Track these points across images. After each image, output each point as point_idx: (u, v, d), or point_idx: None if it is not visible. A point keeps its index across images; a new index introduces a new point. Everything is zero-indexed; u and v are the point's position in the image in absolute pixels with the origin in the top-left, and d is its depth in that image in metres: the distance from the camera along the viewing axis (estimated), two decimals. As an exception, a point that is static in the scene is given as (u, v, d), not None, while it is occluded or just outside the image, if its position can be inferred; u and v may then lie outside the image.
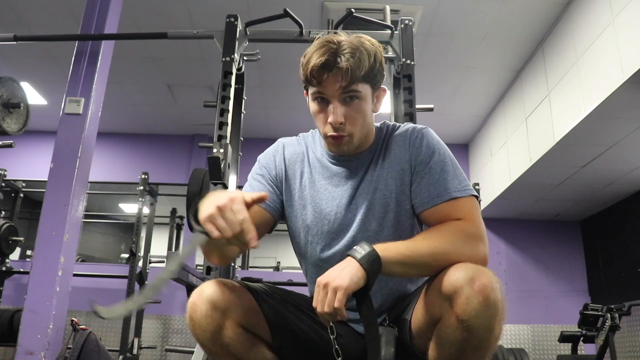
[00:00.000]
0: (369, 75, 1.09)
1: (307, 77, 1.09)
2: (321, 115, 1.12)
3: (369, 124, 1.16)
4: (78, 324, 2.68)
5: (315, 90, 1.10)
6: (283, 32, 2.53)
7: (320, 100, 1.11)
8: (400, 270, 0.99)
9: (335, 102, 1.09)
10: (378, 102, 1.17)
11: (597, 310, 3.59)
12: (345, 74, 1.05)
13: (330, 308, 0.93)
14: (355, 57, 1.05)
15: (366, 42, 1.09)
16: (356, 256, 0.96)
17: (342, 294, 0.92)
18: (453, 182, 1.10)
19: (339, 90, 1.07)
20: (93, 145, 2.67)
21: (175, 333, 5.28)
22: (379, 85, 1.15)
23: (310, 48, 1.10)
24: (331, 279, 0.94)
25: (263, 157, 1.28)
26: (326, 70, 1.06)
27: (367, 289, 0.95)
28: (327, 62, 1.05)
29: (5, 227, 4.44)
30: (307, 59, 1.08)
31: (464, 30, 3.95)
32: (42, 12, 3.83)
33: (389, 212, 1.15)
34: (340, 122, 1.09)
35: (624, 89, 2.98)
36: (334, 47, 1.06)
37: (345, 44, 1.07)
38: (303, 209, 1.21)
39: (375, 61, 1.09)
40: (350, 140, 1.13)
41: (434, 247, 1.00)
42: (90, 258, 8.01)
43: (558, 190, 4.77)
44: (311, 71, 1.07)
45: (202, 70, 4.60)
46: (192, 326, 1.01)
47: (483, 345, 0.92)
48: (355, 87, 1.08)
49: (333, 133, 1.11)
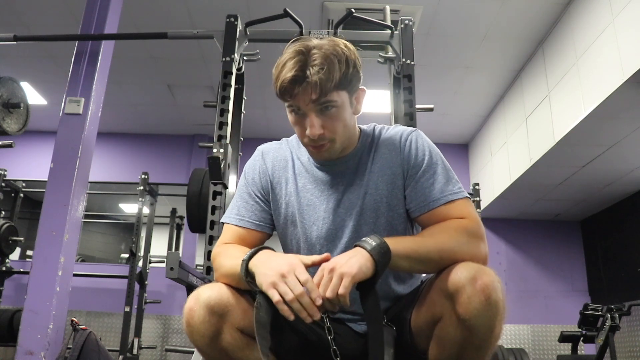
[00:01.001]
0: (343, 82, 1.05)
1: (278, 92, 1.06)
2: (298, 127, 1.11)
3: (351, 127, 1.15)
4: (78, 324, 2.68)
5: (289, 103, 1.08)
6: (283, 32, 2.53)
7: (296, 112, 1.09)
8: (407, 264, 0.99)
9: (311, 114, 1.07)
10: (358, 104, 1.15)
11: (597, 310, 3.58)
12: (315, 87, 1.02)
13: (334, 294, 0.91)
14: (325, 69, 1.02)
15: (337, 48, 1.05)
16: (366, 247, 0.95)
17: (348, 281, 0.90)
18: (448, 185, 1.10)
19: (312, 103, 1.05)
20: (93, 145, 2.67)
21: (175, 333, 5.28)
22: (357, 87, 1.13)
23: (282, 57, 1.07)
24: (338, 264, 0.93)
25: (248, 170, 1.27)
26: (296, 85, 1.03)
27: (373, 281, 0.94)
28: (296, 77, 1.02)
29: (5, 227, 4.44)
30: (277, 72, 1.06)
31: (464, 30, 3.95)
32: (42, 12, 3.83)
33: (380, 217, 1.14)
34: (319, 133, 1.07)
35: (624, 89, 2.98)
36: (302, 59, 1.03)
37: (316, 53, 1.03)
38: (291, 216, 1.20)
39: (348, 67, 1.06)
40: (332, 147, 1.11)
41: (441, 244, 1.00)
42: (90, 258, 8.01)
43: (558, 190, 4.77)
44: (281, 87, 1.04)
45: (202, 70, 4.60)
46: (190, 332, 1.00)
47: (483, 345, 0.93)
48: (329, 98, 1.05)
49: (312, 144, 1.10)
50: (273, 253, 1.02)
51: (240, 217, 1.21)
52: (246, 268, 0.99)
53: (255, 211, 1.21)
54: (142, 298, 4.80)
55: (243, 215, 1.21)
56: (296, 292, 0.91)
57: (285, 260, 0.96)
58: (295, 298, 0.90)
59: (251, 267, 0.99)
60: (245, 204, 1.22)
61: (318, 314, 0.92)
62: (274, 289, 0.92)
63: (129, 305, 4.55)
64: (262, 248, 1.04)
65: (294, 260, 0.96)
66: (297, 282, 0.92)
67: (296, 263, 0.95)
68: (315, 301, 0.91)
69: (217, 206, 2.11)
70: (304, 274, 0.93)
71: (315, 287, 0.92)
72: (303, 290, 0.91)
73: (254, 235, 1.20)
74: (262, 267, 0.96)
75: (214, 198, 2.12)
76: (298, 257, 0.98)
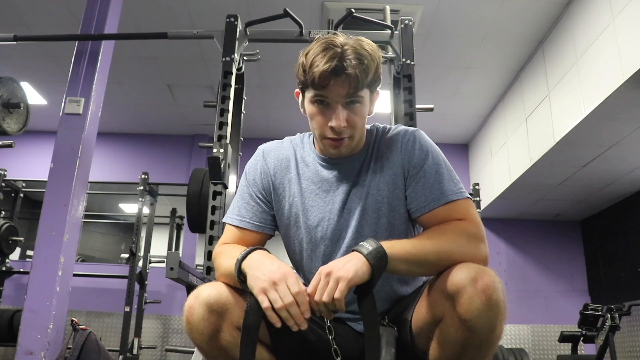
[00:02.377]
0: (374, 81, 1.10)
1: (312, 81, 1.06)
2: (320, 118, 1.11)
3: (364, 127, 1.17)
4: (78, 324, 2.68)
5: (317, 93, 1.08)
6: (283, 32, 2.53)
7: (320, 103, 1.10)
8: (405, 268, 0.99)
9: (339, 106, 1.08)
10: (372, 105, 1.17)
11: (597, 310, 3.58)
12: (354, 80, 1.05)
13: (329, 298, 0.92)
14: (363, 64, 1.05)
15: (367, 47, 1.08)
16: (362, 251, 0.95)
17: (344, 285, 0.91)
18: (449, 185, 1.10)
19: (344, 97, 1.07)
20: (93, 145, 2.67)
21: (175, 333, 5.28)
22: (376, 89, 1.15)
23: (312, 50, 1.07)
24: (335, 268, 0.94)
25: (249, 171, 1.26)
26: (334, 76, 1.05)
27: (370, 285, 0.94)
28: (336, 68, 1.04)
29: (5, 227, 4.44)
30: (310, 61, 1.06)
31: (463, 31, 3.95)
32: (42, 12, 3.83)
33: (381, 217, 1.14)
34: (344, 126, 1.08)
35: (624, 89, 2.98)
36: (338, 51, 1.05)
37: (349, 48, 1.05)
38: (295, 217, 1.20)
39: (378, 67, 1.09)
40: (350, 143, 1.13)
41: (439, 246, 1.00)
42: (90, 258, 8.01)
43: (558, 190, 4.77)
44: (318, 76, 1.05)
45: (202, 70, 4.60)
46: (190, 330, 1.01)
47: (484, 345, 0.93)
48: (360, 93, 1.08)
49: (334, 136, 1.10)
50: (266, 255, 1.03)
51: (241, 218, 1.21)
52: (239, 268, 1.01)
53: (255, 212, 1.21)
54: (142, 298, 4.80)
55: (244, 216, 1.21)
56: (286, 301, 0.92)
57: (279, 268, 0.97)
58: (284, 307, 0.92)
59: (244, 268, 1.00)
60: (246, 204, 1.22)
61: (305, 324, 0.93)
62: (264, 295, 0.93)
63: (129, 305, 4.55)
64: (256, 249, 1.05)
65: (287, 269, 0.97)
66: (288, 292, 0.93)
67: (289, 272, 0.96)
68: (304, 314, 0.93)
69: (217, 206, 2.11)
70: (296, 285, 0.94)
71: (306, 301, 0.94)
72: (293, 300, 0.92)
73: (254, 236, 1.20)
74: (255, 270, 0.98)
75: (214, 198, 2.12)
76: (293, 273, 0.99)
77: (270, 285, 0.93)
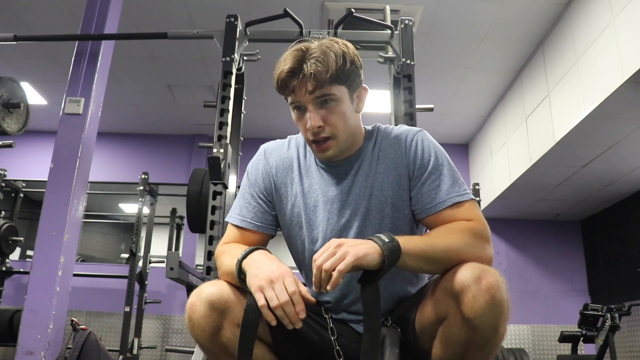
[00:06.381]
0: (340, 76, 1.08)
1: (277, 87, 1.09)
2: (300, 123, 1.13)
3: (354, 126, 1.15)
4: (78, 324, 2.68)
5: (291, 100, 1.11)
6: (283, 32, 2.53)
7: (298, 109, 1.11)
8: (415, 264, 0.99)
9: (311, 107, 1.09)
10: (360, 102, 1.16)
11: (597, 310, 3.59)
12: (313, 78, 1.05)
13: (332, 266, 0.91)
14: (321, 61, 1.05)
15: (335, 45, 1.09)
16: (378, 242, 0.94)
17: (350, 260, 0.91)
18: (454, 187, 1.10)
19: (310, 95, 1.07)
20: (93, 145, 2.67)
21: (175, 333, 5.28)
22: (358, 85, 1.14)
23: (282, 57, 1.10)
24: (347, 243, 0.94)
25: (250, 170, 1.27)
26: (293, 77, 1.06)
27: (377, 275, 0.93)
28: (293, 69, 1.06)
29: (5, 227, 4.43)
30: (276, 69, 1.09)
31: (464, 30, 3.95)
32: (42, 12, 3.82)
33: (385, 218, 1.14)
34: (318, 125, 1.08)
35: (624, 89, 2.98)
36: (301, 55, 1.07)
37: (314, 49, 1.07)
38: (297, 217, 1.20)
39: (345, 62, 1.08)
40: (335, 144, 1.12)
41: (449, 244, 1.00)
42: (90, 258, 8.01)
43: (558, 190, 4.78)
44: (279, 80, 1.08)
45: (202, 70, 4.60)
46: (191, 327, 1.01)
47: (487, 344, 0.93)
48: (327, 90, 1.07)
49: (314, 138, 1.11)
50: (266, 255, 1.03)
51: (242, 218, 1.21)
52: (239, 267, 1.01)
53: (257, 212, 1.21)
54: (142, 298, 4.80)
55: (245, 216, 1.21)
56: (282, 300, 0.92)
57: (277, 267, 0.97)
58: (280, 305, 0.92)
59: (244, 267, 1.01)
60: (248, 204, 1.22)
61: (300, 324, 0.94)
62: (261, 293, 0.94)
63: (129, 305, 4.55)
64: (257, 248, 1.05)
65: (286, 269, 0.98)
66: (284, 290, 0.93)
67: (287, 272, 0.97)
68: (299, 314, 0.93)
69: (217, 206, 2.11)
70: (293, 284, 0.94)
71: (302, 300, 0.94)
72: (288, 299, 0.93)
73: (255, 236, 1.20)
74: (254, 269, 0.98)
75: (214, 198, 2.12)
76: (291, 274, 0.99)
77: (268, 284, 0.94)
